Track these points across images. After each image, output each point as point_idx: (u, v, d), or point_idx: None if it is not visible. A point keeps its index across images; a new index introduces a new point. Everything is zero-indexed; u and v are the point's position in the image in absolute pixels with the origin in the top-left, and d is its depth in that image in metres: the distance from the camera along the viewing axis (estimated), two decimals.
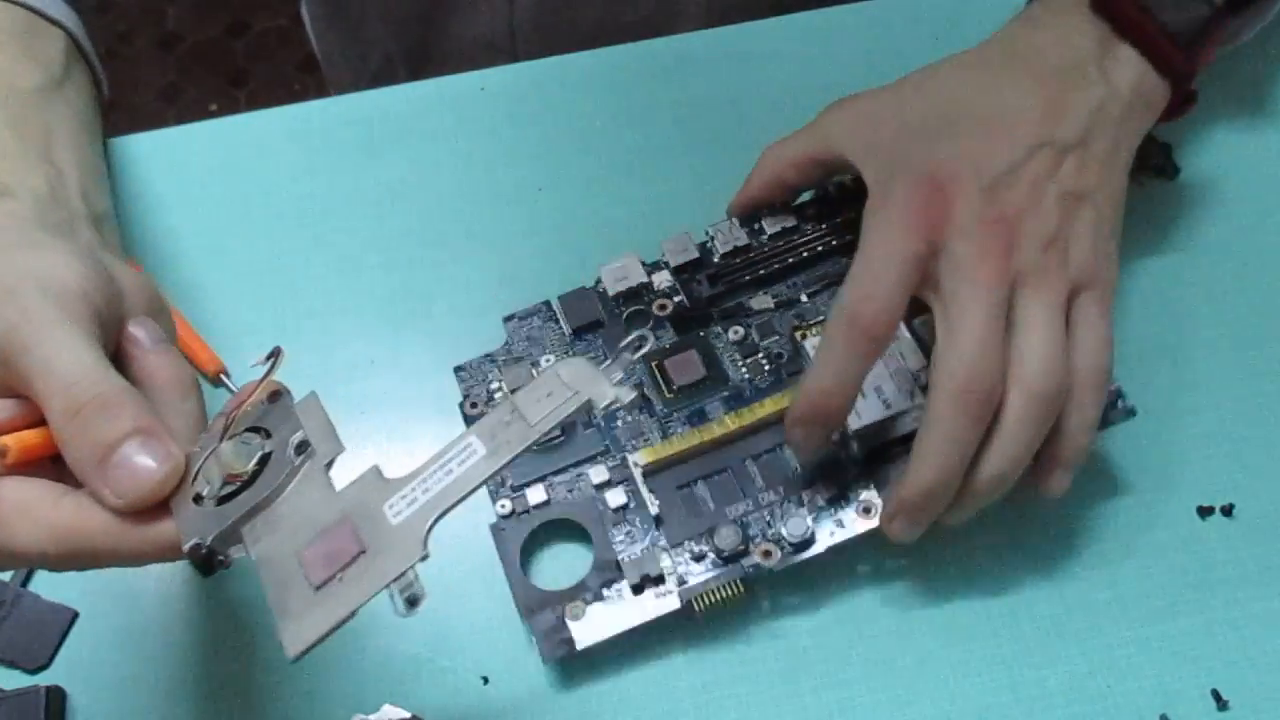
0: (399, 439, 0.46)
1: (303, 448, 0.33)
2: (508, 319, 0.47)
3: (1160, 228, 0.50)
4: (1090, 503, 0.44)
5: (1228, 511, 0.44)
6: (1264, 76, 0.53)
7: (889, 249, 0.39)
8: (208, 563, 0.32)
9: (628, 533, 0.42)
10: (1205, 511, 0.44)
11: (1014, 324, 0.39)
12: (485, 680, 0.42)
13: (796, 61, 0.55)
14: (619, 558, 0.41)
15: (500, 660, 0.42)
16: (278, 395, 0.34)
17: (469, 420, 0.45)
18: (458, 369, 0.46)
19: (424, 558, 0.31)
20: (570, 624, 0.40)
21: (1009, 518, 0.43)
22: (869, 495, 0.42)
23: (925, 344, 0.42)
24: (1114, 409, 0.43)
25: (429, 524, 0.31)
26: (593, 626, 0.40)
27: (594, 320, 0.46)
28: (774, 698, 0.41)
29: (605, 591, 0.41)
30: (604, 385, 0.33)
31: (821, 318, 0.45)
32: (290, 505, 0.32)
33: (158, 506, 0.32)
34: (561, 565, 0.43)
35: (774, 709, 0.41)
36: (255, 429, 0.34)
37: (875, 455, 0.42)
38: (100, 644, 0.42)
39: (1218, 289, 0.48)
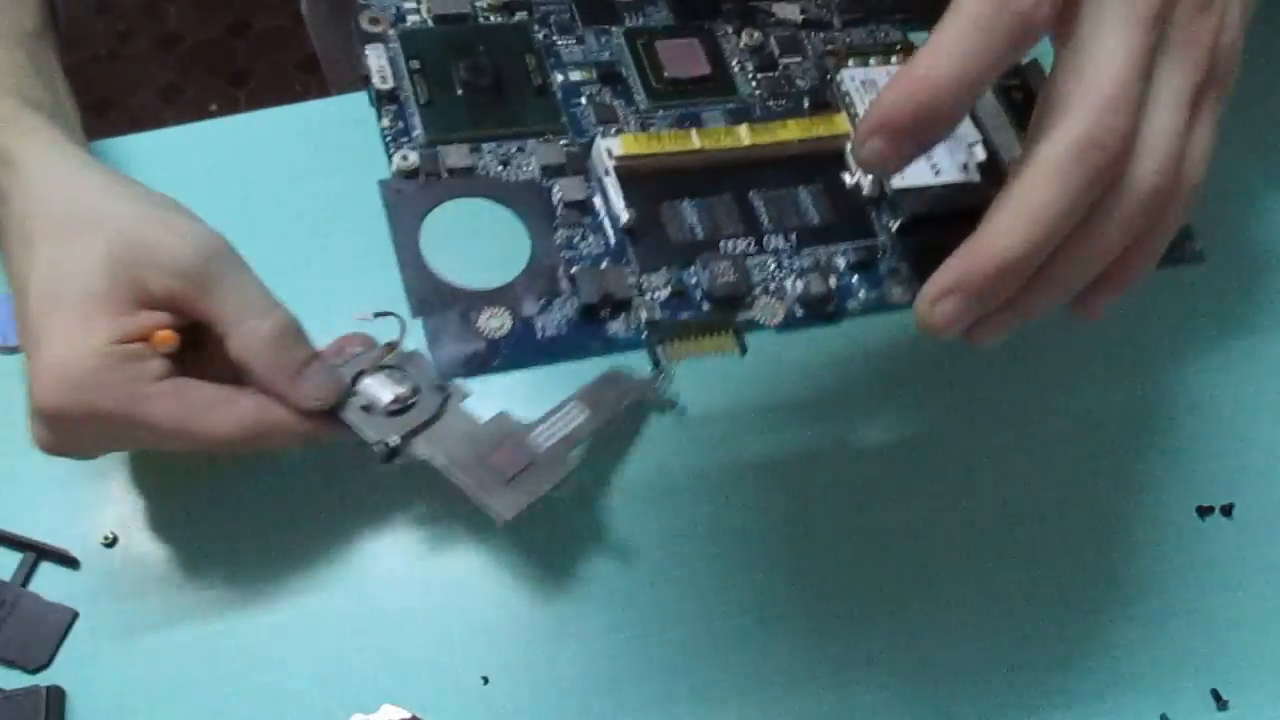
0: None
1: (443, 388, 0.39)
2: None
3: None
4: (1090, 503, 0.44)
5: (1228, 511, 0.44)
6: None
7: None
8: (392, 455, 0.39)
9: (581, 239, 0.32)
10: (1205, 511, 0.44)
11: (1150, 89, 0.31)
12: (485, 680, 0.42)
13: None
14: (567, 265, 0.31)
15: (500, 660, 0.42)
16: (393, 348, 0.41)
17: (360, 34, 0.35)
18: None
19: (576, 468, 0.39)
20: (484, 330, 0.30)
21: (1009, 517, 0.43)
22: (901, 268, 0.33)
23: (978, 119, 0.34)
24: (1182, 246, 0.35)
25: (572, 447, 0.39)
26: (518, 345, 0.30)
27: None
28: (773, 695, 0.41)
29: (541, 304, 0.31)
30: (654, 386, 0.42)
31: (865, 51, 0.36)
32: (446, 428, 0.39)
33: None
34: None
35: (773, 708, 0.41)
36: (387, 368, 0.40)
37: (914, 227, 0.34)
38: (100, 644, 0.42)
39: (1218, 288, 0.48)
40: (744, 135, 0.33)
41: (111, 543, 0.44)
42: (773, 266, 0.33)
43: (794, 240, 0.33)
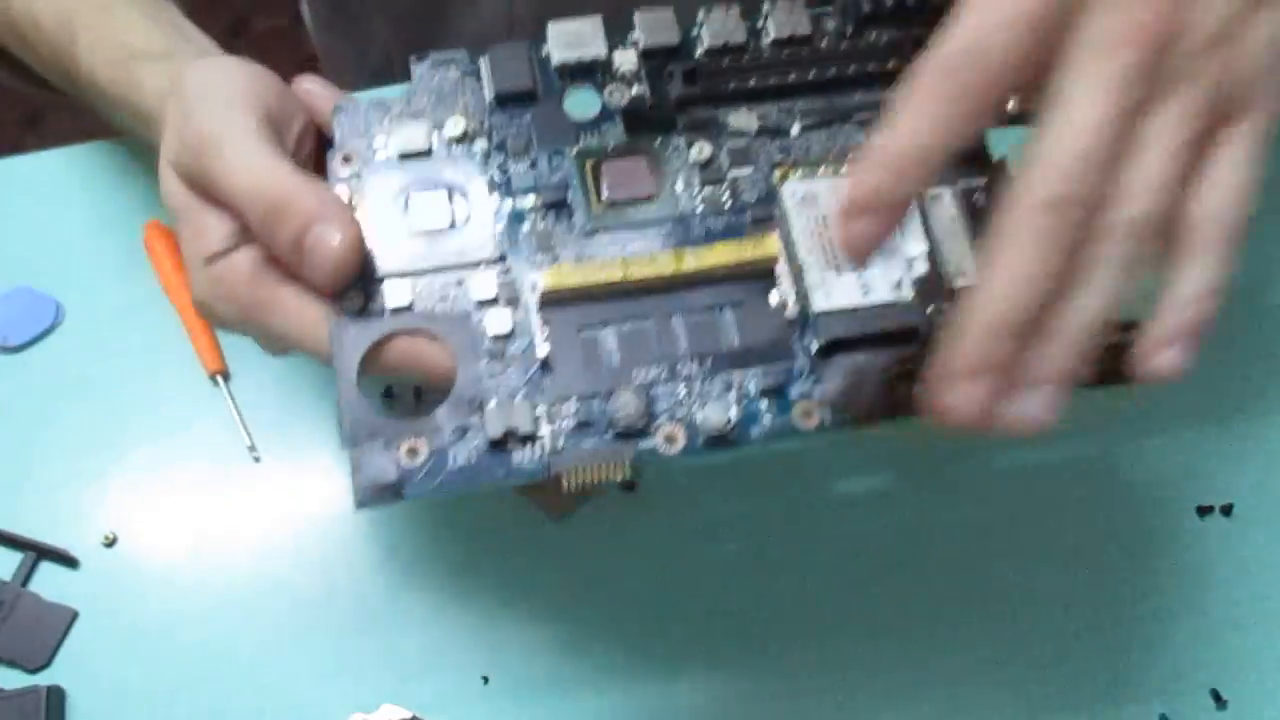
0: None
1: None
2: (418, 59, 0.38)
3: None
4: (1090, 502, 0.44)
5: (1227, 511, 0.44)
6: None
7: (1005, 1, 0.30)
8: None
9: (503, 370, 0.33)
10: (1205, 511, 0.44)
11: (1135, 140, 0.30)
12: (485, 680, 0.42)
13: None
14: (484, 399, 0.32)
15: (500, 660, 0.42)
16: None
17: (333, 178, 0.36)
18: (338, 107, 0.37)
19: None
20: (402, 463, 0.32)
21: (1008, 518, 0.43)
22: (817, 391, 0.33)
23: (930, 227, 0.34)
24: None
25: None
26: (428, 475, 0.32)
27: (526, 91, 0.36)
28: (774, 693, 0.41)
29: (456, 436, 0.32)
30: None
31: (817, 160, 0.36)
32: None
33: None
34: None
35: (774, 707, 0.41)
36: None
37: (834, 349, 0.33)
38: (100, 644, 0.42)
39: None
40: (670, 263, 0.34)
41: (111, 543, 0.44)
42: (683, 393, 0.33)
43: (709, 365, 0.33)
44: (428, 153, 0.36)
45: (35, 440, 0.46)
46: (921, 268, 0.33)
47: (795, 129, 0.36)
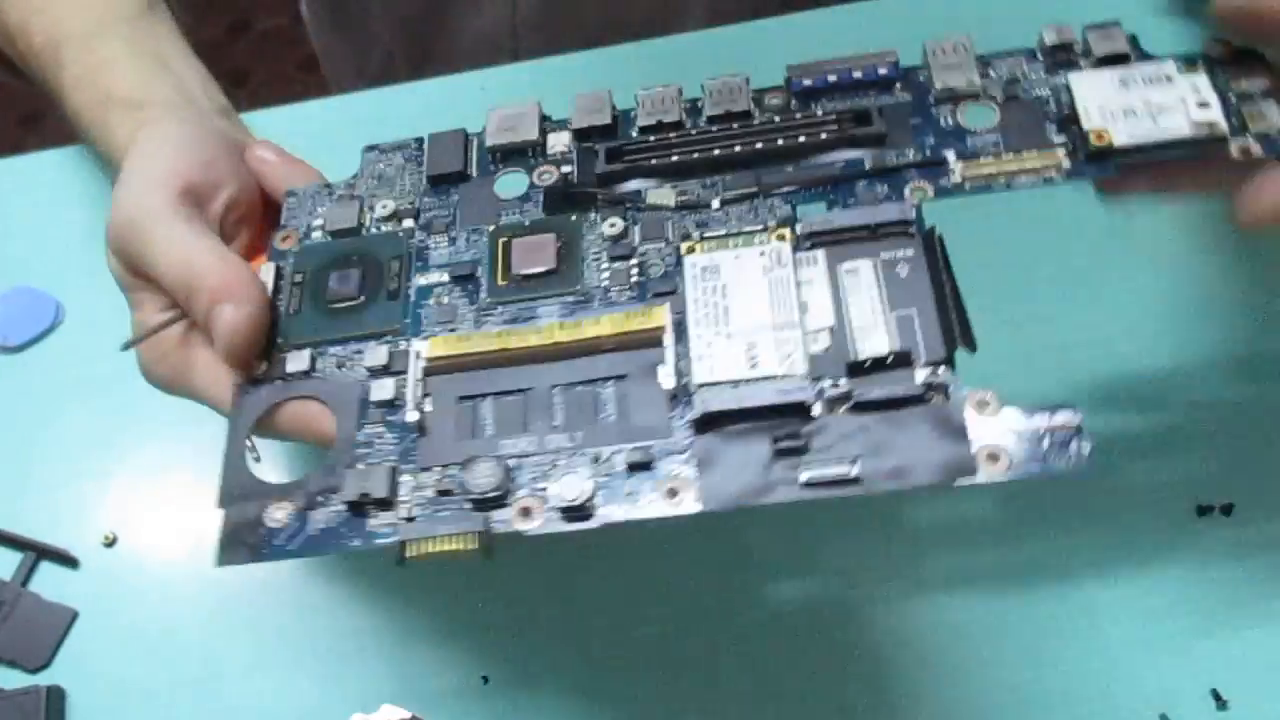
0: None
1: None
2: (369, 149, 0.40)
3: (1168, 233, 0.50)
4: (1090, 502, 0.44)
5: (1228, 511, 0.44)
6: None
7: None
8: None
9: (378, 436, 0.33)
10: (1205, 511, 0.44)
11: None
12: (485, 680, 0.42)
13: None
14: (357, 464, 0.33)
15: (500, 660, 0.42)
16: None
17: (275, 253, 0.38)
18: (289, 192, 0.39)
19: None
20: (267, 524, 0.32)
21: (1007, 518, 0.43)
22: (683, 471, 0.31)
23: (842, 300, 0.33)
24: None
25: None
26: (289, 538, 0.32)
27: (455, 171, 0.38)
28: (775, 693, 0.41)
29: (320, 499, 0.32)
30: None
31: (726, 233, 0.35)
32: None
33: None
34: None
35: (776, 707, 0.41)
36: None
37: (711, 423, 0.31)
38: (100, 644, 0.42)
39: (1217, 289, 0.48)
40: (553, 333, 0.34)
41: (111, 543, 0.44)
42: (547, 466, 0.32)
43: (580, 439, 0.32)
44: (357, 230, 0.38)
45: (35, 440, 0.46)
46: (823, 342, 0.32)
47: (716, 203, 0.36)
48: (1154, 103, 0.36)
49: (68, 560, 0.44)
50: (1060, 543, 0.43)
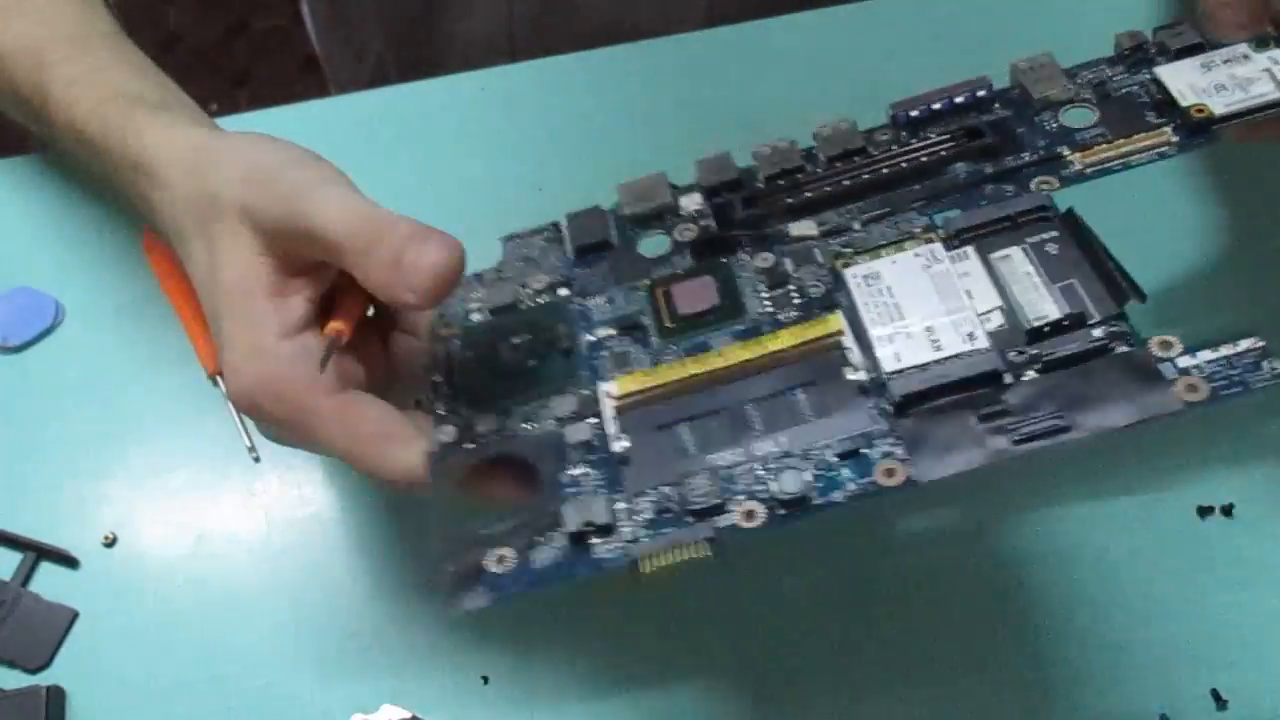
0: None
1: None
2: (508, 238, 0.42)
3: (1168, 227, 0.50)
4: (1090, 502, 0.44)
5: (1228, 511, 0.44)
6: None
7: None
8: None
9: (583, 475, 0.35)
10: (1205, 511, 0.44)
11: None
12: (485, 680, 0.42)
13: (796, 61, 0.55)
14: (563, 501, 0.34)
15: (500, 660, 0.42)
16: None
17: (438, 340, 0.39)
18: None
19: None
20: (492, 570, 0.33)
21: (1007, 517, 0.43)
22: (894, 451, 0.32)
23: (1002, 284, 0.35)
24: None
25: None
26: (515, 579, 0.33)
27: (600, 240, 0.40)
28: (775, 694, 0.41)
29: (539, 539, 0.33)
30: None
31: (878, 245, 0.37)
32: None
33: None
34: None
35: (777, 708, 0.41)
36: None
37: (909, 405, 0.33)
38: (100, 644, 0.42)
39: (1216, 284, 0.48)
40: (736, 354, 0.36)
41: (111, 543, 0.44)
42: (759, 471, 0.33)
43: (784, 442, 0.34)
44: (515, 306, 0.39)
45: (35, 440, 0.46)
46: (996, 320, 0.34)
47: (857, 225, 0.38)
48: (1239, 76, 0.39)
49: (68, 560, 0.44)
50: (1060, 542, 0.43)
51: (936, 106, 0.40)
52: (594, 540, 0.33)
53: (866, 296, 0.36)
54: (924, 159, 0.39)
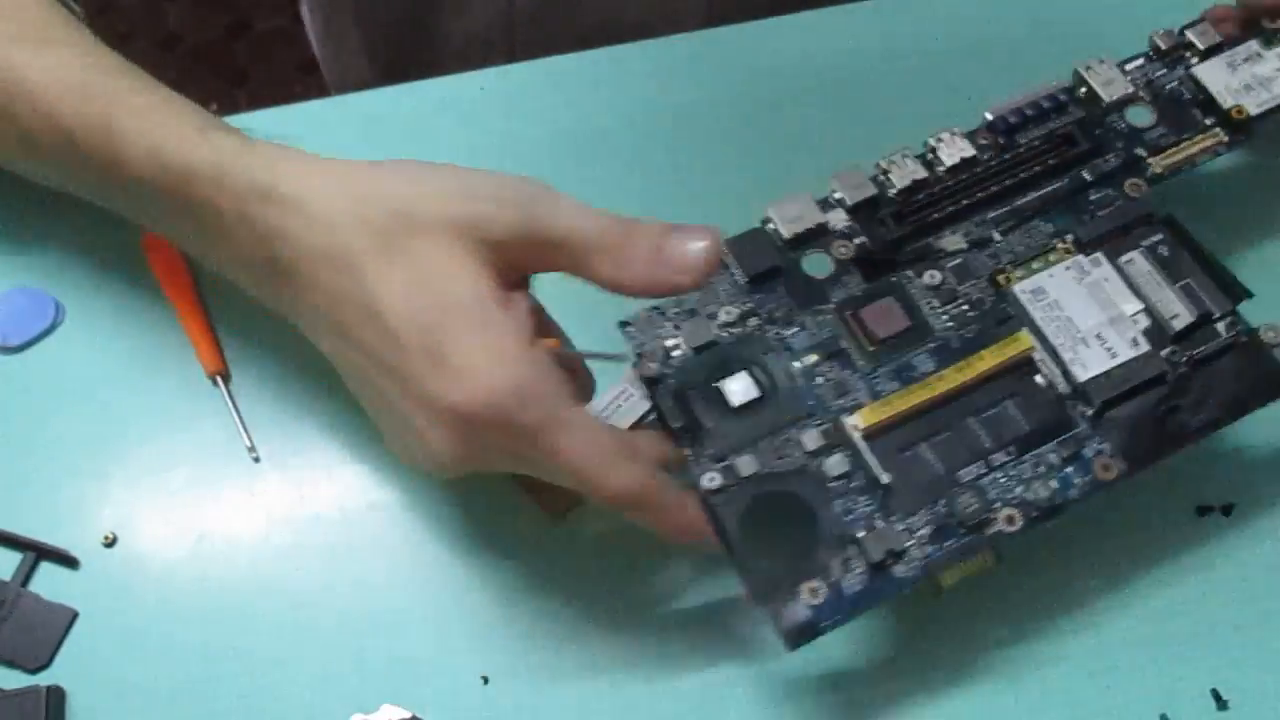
0: None
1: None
2: None
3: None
4: (1090, 502, 0.44)
5: (1228, 511, 0.44)
6: None
7: None
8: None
9: (853, 503, 0.38)
10: (1205, 511, 0.44)
11: None
12: (485, 680, 0.42)
13: (796, 61, 0.55)
14: (852, 532, 0.38)
15: (500, 660, 0.42)
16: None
17: (644, 381, 0.41)
18: (623, 323, 0.42)
19: None
20: (808, 603, 0.37)
21: None
22: (1104, 448, 0.39)
23: (1136, 286, 0.41)
24: None
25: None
26: (832, 608, 0.37)
27: (773, 267, 0.42)
28: (776, 696, 0.41)
29: (841, 569, 0.37)
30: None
31: (1025, 259, 0.42)
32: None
33: None
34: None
35: (778, 709, 0.41)
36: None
37: (1106, 408, 0.39)
38: (100, 644, 0.42)
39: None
40: (952, 377, 0.40)
41: (111, 543, 0.44)
42: (1003, 480, 0.39)
43: (1014, 451, 0.39)
44: (715, 343, 0.41)
45: (35, 440, 0.46)
46: (1144, 321, 0.40)
47: (996, 236, 0.43)
48: (1259, 76, 0.45)
49: (68, 560, 0.44)
50: (1060, 543, 0.43)
51: (1030, 113, 0.45)
52: (890, 563, 0.37)
53: (1040, 312, 0.41)
54: (1037, 169, 0.44)
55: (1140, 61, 0.46)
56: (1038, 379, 0.40)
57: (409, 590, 0.43)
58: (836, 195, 0.43)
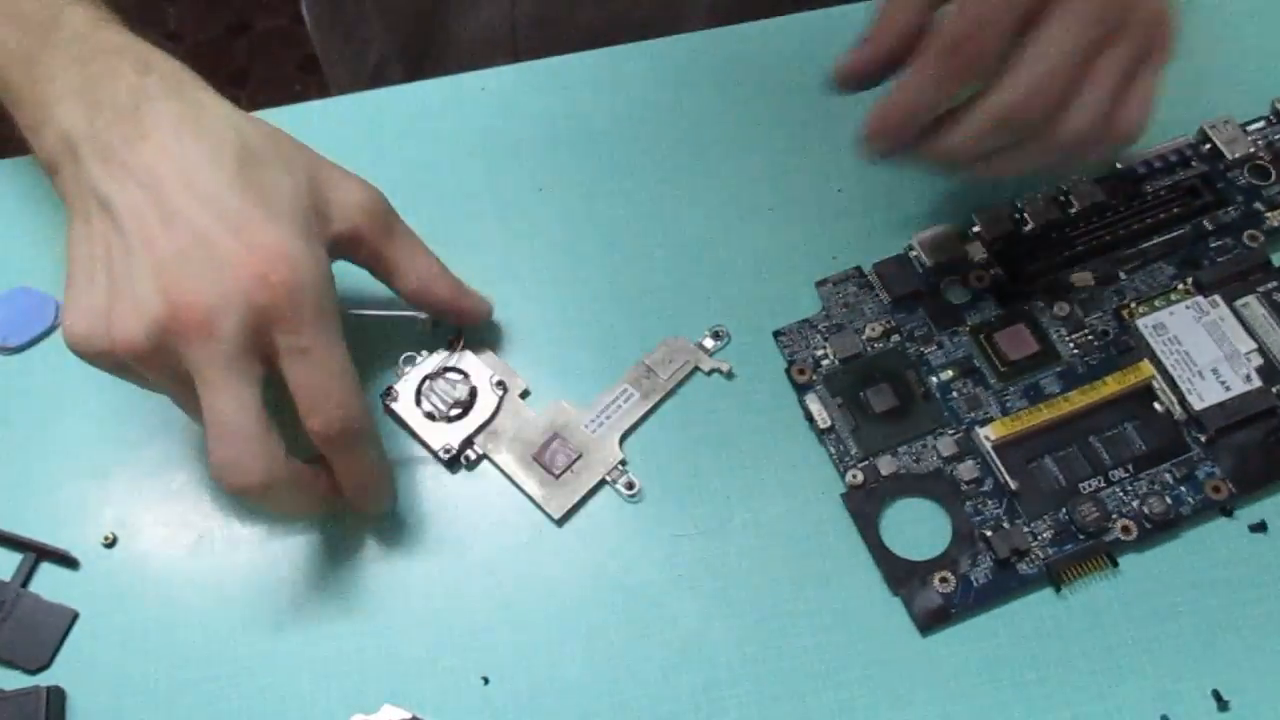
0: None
1: (501, 384, 0.46)
2: (820, 283, 0.48)
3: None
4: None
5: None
6: None
7: None
8: (455, 461, 0.45)
9: (982, 505, 0.43)
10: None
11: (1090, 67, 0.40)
12: (485, 680, 0.42)
13: (797, 61, 0.55)
14: (981, 531, 0.42)
15: (500, 660, 0.42)
16: (458, 344, 0.47)
17: (797, 387, 0.45)
18: (777, 333, 0.47)
19: (623, 460, 0.44)
20: (941, 591, 0.41)
21: None
22: (1215, 471, 0.43)
23: (1250, 328, 0.45)
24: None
25: (618, 436, 0.45)
26: (962, 596, 0.41)
27: (915, 291, 0.47)
28: (776, 695, 0.41)
29: (970, 563, 0.42)
30: (703, 357, 0.46)
31: (1148, 296, 0.46)
32: (503, 426, 0.45)
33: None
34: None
35: (778, 709, 0.41)
36: (451, 369, 0.46)
37: (1220, 435, 0.43)
38: (100, 644, 0.42)
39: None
40: (1077, 399, 0.44)
41: (111, 543, 0.44)
42: (1121, 494, 0.43)
43: (1131, 469, 0.43)
44: (859, 356, 0.46)
45: (35, 440, 0.46)
46: (1257, 359, 0.44)
47: (1121, 275, 0.47)
48: None
49: (68, 560, 0.44)
50: None
51: (1157, 164, 0.49)
52: (1014, 561, 0.42)
53: (1161, 345, 0.45)
54: (1162, 215, 0.48)
55: (1261, 124, 0.50)
56: (1156, 405, 0.44)
57: (409, 590, 0.43)
58: (976, 229, 0.48)
